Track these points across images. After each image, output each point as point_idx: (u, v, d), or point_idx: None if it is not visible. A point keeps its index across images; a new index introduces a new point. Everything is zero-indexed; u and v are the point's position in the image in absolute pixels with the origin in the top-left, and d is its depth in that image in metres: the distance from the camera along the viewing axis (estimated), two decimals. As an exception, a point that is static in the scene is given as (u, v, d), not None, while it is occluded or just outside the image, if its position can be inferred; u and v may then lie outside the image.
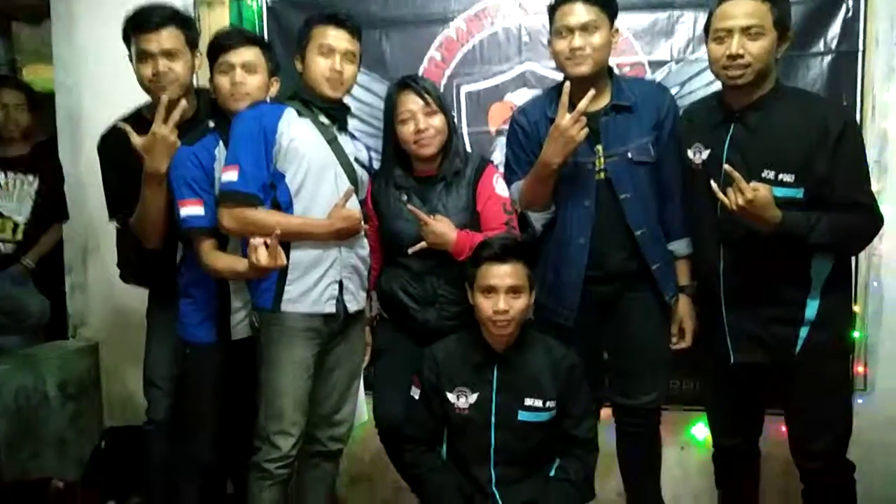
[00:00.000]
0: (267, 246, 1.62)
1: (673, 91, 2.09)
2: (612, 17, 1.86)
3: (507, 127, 2.11)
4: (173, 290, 1.93)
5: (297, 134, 1.78)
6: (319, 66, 1.82)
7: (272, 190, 1.79)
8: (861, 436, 1.84)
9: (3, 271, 2.46)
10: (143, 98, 1.93)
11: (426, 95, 1.89)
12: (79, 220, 2.66)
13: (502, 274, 1.70)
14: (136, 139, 1.77)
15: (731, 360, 1.79)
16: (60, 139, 2.65)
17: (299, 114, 1.82)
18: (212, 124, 1.87)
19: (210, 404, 1.88)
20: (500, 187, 1.97)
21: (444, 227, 1.86)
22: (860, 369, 2.21)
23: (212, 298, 1.87)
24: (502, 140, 2.24)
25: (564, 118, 1.75)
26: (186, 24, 1.90)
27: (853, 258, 2.02)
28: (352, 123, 2.05)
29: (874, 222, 1.72)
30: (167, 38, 1.83)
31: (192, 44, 1.90)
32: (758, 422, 1.94)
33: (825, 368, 1.73)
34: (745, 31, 1.64)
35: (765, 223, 1.62)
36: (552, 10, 1.87)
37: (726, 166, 1.65)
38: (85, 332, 2.72)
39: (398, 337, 2.00)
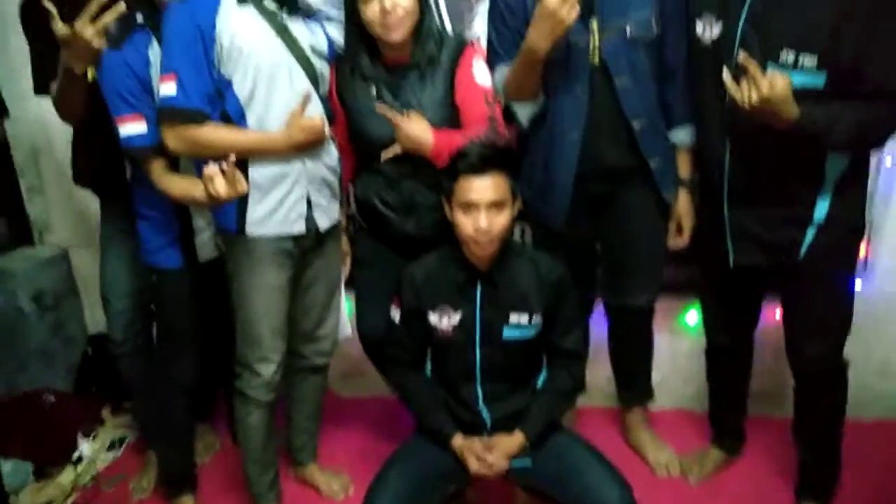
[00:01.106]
0: (223, 172, 1.44)
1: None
2: None
3: (488, -6, 1.84)
4: (123, 197, 1.79)
5: (238, 29, 1.54)
6: None
7: (220, 100, 1.57)
8: (857, 320, 1.71)
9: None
10: None
11: None
12: (22, 116, 2.43)
13: (482, 188, 1.54)
14: (59, 27, 1.46)
15: (731, 263, 1.69)
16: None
17: (239, 1, 1.55)
18: (140, 19, 1.61)
19: (186, 328, 1.80)
20: (481, 75, 1.76)
21: (419, 129, 1.68)
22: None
23: (172, 220, 1.73)
24: (484, 7, 1.95)
25: None
26: None
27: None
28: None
29: None
30: None
31: None
32: (753, 319, 1.88)
33: (829, 272, 1.64)
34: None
35: (779, 121, 1.44)
36: None
37: (741, 55, 1.43)
38: (51, 238, 2.59)
39: (379, 249, 1.89)
